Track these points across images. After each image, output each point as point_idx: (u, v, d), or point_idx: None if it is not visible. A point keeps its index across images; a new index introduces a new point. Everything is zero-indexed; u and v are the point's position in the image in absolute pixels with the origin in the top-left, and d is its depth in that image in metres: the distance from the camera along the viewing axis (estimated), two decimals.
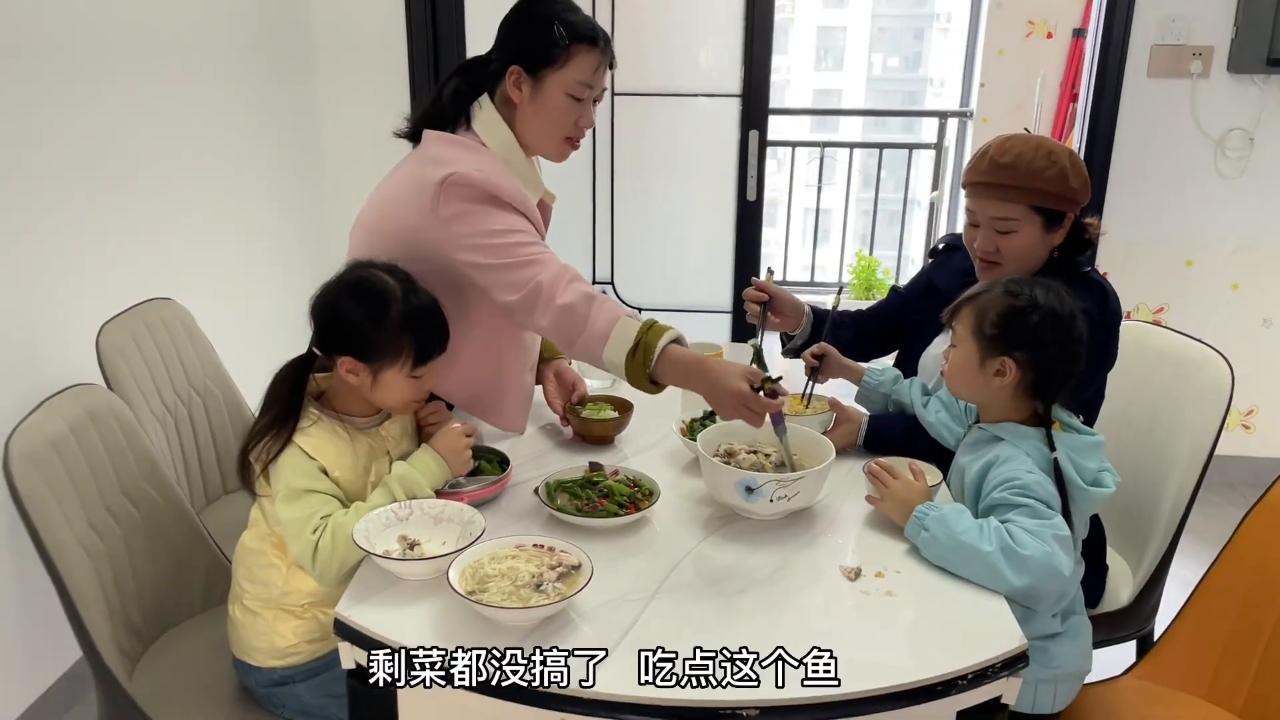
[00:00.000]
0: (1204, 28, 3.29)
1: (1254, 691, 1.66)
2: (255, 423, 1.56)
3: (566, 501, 1.59)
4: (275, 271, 3.19)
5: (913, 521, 1.48)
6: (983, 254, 1.84)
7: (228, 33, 2.90)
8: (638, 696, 1.18)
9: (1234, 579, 1.73)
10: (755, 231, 3.59)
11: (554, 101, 1.78)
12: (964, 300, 1.58)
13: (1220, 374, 1.94)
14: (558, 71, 1.76)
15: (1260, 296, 3.54)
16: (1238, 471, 3.40)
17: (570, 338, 1.68)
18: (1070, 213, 1.80)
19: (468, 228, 1.69)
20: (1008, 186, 1.77)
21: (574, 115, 1.81)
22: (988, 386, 1.54)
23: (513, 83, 1.78)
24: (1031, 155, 1.76)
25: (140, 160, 2.50)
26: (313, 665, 1.61)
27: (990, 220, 1.80)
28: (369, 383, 1.55)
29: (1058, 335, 1.50)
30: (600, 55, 1.79)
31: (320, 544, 1.45)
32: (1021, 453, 1.49)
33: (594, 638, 1.27)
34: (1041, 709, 1.58)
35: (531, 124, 1.81)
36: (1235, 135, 3.38)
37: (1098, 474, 1.51)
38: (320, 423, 1.55)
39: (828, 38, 20.12)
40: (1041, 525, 1.40)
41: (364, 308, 1.53)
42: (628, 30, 3.42)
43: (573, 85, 1.78)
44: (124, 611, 1.66)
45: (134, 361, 2.06)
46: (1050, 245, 1.82)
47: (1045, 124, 5.02)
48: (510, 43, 1.79)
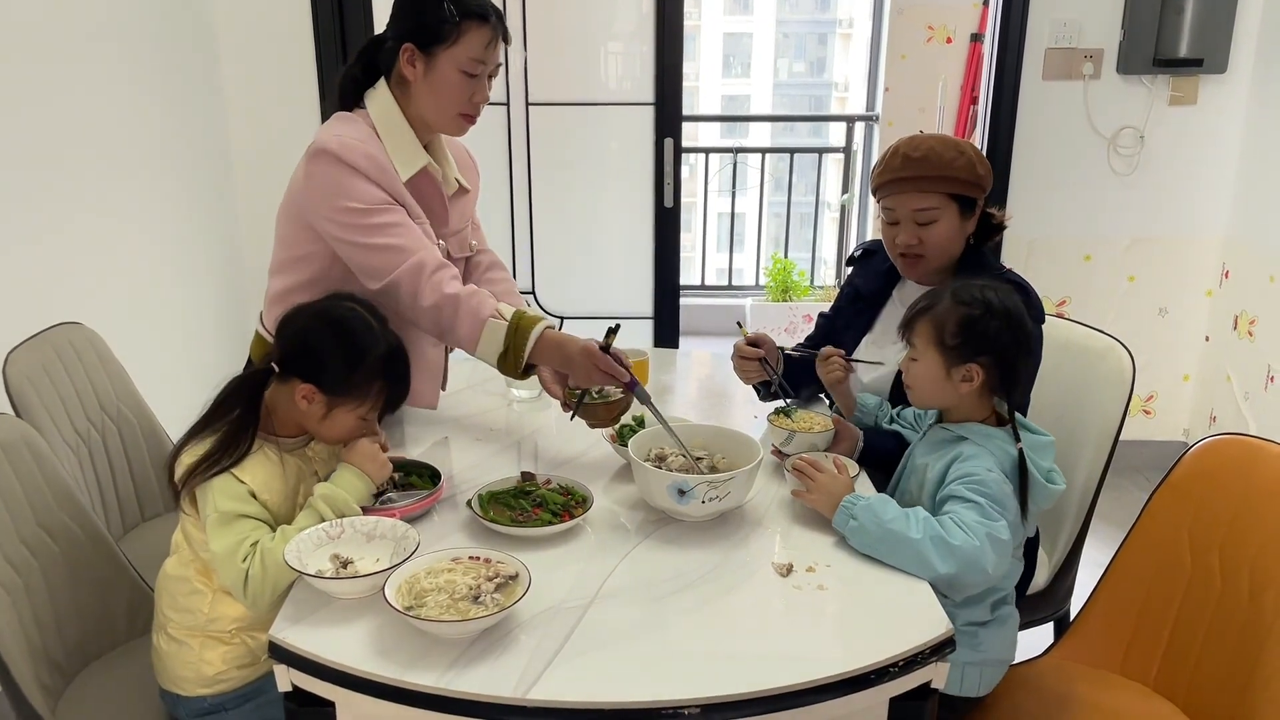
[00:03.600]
0: (1094, 31, 3.43)
1: (1164, 664, 1.74)
2: (192, 430, 1.52)
3: (500, 512, 1.59)
4: (186, 288, 3.10)
5: (841, 511, 1.52)
6: (905, 249, 1.91)
7: (126, 36, 2.80)
8: (580, 701, 1.19)
9: (1142, 558, 1.81)
10: (673, 238, 3.62)
11: (447, 78, 1.80)
12: (916, 314, 1.62)
13: (1122, 363, 2.04)
14: (450, 49, 1.79)
15: (1155, 287, 3.71)
16: (1141, 456, 3.55)
17: (439, 335, 1.81)
18: (980, 199, 1.90)
19: (324, 197, 1.75)
20: (924, 178, 1.85)
21: (468, 91, 1.83)
22: (956, 393, 1.59)
23: (406, 60, 1.81)
24: (941, 148, 1.86)
25: (39, 176, 2.40)
26: (243, 691, 1.59)
27: (911, 213, 1.87)
28: (320, 413, 1.53)
29: (1015, 335, 1.56)
30: (492, 31, 1.81)
31: (250, 571, 1.42)
32: (986, 451, 1.54)
33: (534, 646, 1.27)
34: (969, 692, 1.64)
35: (426, 100, 1.83)
36: (1126, 133, 3.53)
37: (1049, 472, 1.57)
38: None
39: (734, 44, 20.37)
40: (981, 523, 1.44)
41: (344, 346, 1.53)
42: (541, 40, 3.43)
43: (465, 62, 1.80)
44: (44, 647, 1.60)
45: (43, 389, 1.99)
46: (966, 233, 1.92)
47: (948, 126, 5.18)
48: (402, 21, 1.82)
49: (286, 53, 3.29)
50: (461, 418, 2.10)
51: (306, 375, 1.52)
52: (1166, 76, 3.46)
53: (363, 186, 1.75)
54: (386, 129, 1.82)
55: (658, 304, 3.68)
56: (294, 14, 3.27)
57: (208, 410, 1.54)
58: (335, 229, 1.76)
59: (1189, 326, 3.74)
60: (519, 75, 3.45)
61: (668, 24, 3.39)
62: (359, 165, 1.74)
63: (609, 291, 3.73)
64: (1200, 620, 1.69)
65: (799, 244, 6.16)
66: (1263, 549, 1.61)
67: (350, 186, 1.74)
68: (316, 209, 1.77)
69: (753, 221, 5.99)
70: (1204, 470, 1.75)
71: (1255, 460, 1.68)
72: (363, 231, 1.75)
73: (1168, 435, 3.84)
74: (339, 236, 1.77)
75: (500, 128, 3.50)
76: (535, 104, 3.49)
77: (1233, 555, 1.66)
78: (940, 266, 1.92)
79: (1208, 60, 3.40)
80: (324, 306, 1.59)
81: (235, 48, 3.30)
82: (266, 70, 3.31)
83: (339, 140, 1.74)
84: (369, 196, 1.75)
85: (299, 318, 1.57)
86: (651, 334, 3.70)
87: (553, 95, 3.50)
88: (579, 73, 3.53)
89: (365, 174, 1.75)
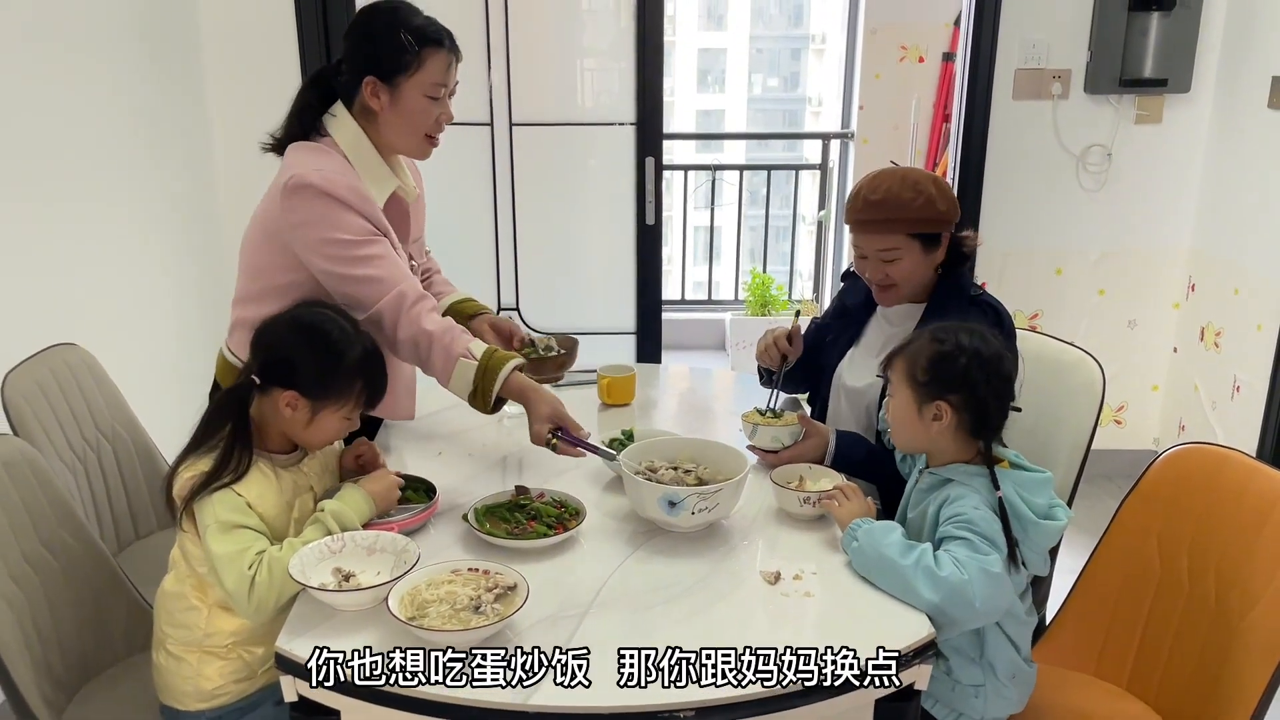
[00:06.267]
0: (1061, 52, 3.53)
1: (1137, 665, 1.81)
2: (186, 449, 1.56)
3: (496, 525, 1.63)
4: (173, 306, 3.11)
5: (847, 533, 1.56)
6: (875, 281, 1.98)
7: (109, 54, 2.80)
8: (580, 706, 1.25)
9: (1113, 563, 1.88)
10: (655, 254, 3.68)
11: (413, 105, 1.87)
12: (895, 351, 1.65)
13: (1092, 374, 2.10)
14: (412, 77, 1.85)
15: (1124, 300, 3.80)
16: (1112, 464, 3.62)
17: (416, 365, 1.89)
18: (945, 232, 1.95)
19: (308, 230, 1.79)
20: (882, 221, 1.91)
21: (433, 114, 1.90)
22: (928, 432, 1.60)
23: (370, 93, 1.86)
24: (899, 189, 1.90)
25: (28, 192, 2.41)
26: (241, 705, 1.62)
27: (875, 252, 1.94)
28: (305, 419, 1.57)
29: (986, 375, 1.56)
30: (449, 54, 1.88)
31: (257, 579, 1.46)
32: (971, 490, 1.55)
33: (534, 653, 1.31)
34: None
35: (394, 127, 1.89)
36: (1094, 151, 3.63)
37: (1049, 509, 1.57)
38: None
39: (709, 59, 20.49)
40: (972, 557, 1.45)
41: (321, 350, 1.57)
42: (522, 61, 3.49)
43: (429, 87, 1.87)
44: (47, 662, 1.63)
45: (40, 409, 2.02)
46: (934, 263, 1.97)
47: (921, 143, 5.28)
48: (359, 55, 1.87)
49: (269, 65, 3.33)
50: (453, 434, 2.14)
51: (287, 383, 1.56)
52: (1132, 96, 3.55)
53: (349, 218, 1.78)
54: (357, 157, 1.87)
55: (640, 320, 3.73)
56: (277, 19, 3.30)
57: (198, 429, 1.58)
58: (322, 261, 1.79)
59: (1157, 338, 3.83)
60: (503, 96, 3.50)
61: (648, 42, 3.45)
62: (344, 197, 1.78)
63: (592, 307, 3.79)
64: (1170, 622, 1.76)
65: (775, 258, 6.23)
66: (1227, 552, 1.68)
67: (337, 219, 1.78)
68: (303, 242, 1.80)
69: (727, 236, 6.06)
70: (1172, 478, 1.82)
71: (1220, 468, 1.75)
72: (350, 263, 1.79)
73: (1138, 444, 3.93)
74: (326, 269, 1.80)
75: (485, 148, 3.55)
76: (519, 124, 3.54)
77: (1200, 559, 1.73)
78: (912, 293, 1.99)
79: (1172, 80, 3.50)
80: (296, 314, 1.63)
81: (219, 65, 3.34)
82: (250, 83, 3.33)
83: (320, 174, 1.77)
84: (355, 228, 1.79)
85: (273, 328, 1.61)
86: (634, 349, 3.75)
87: (535, 116, 3.55)
88: (561, 93, 3.58)
89: (351, 206, 1.78)
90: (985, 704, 1.60)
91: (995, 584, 1.45)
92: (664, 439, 1.83)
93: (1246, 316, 3.36)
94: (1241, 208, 3.42)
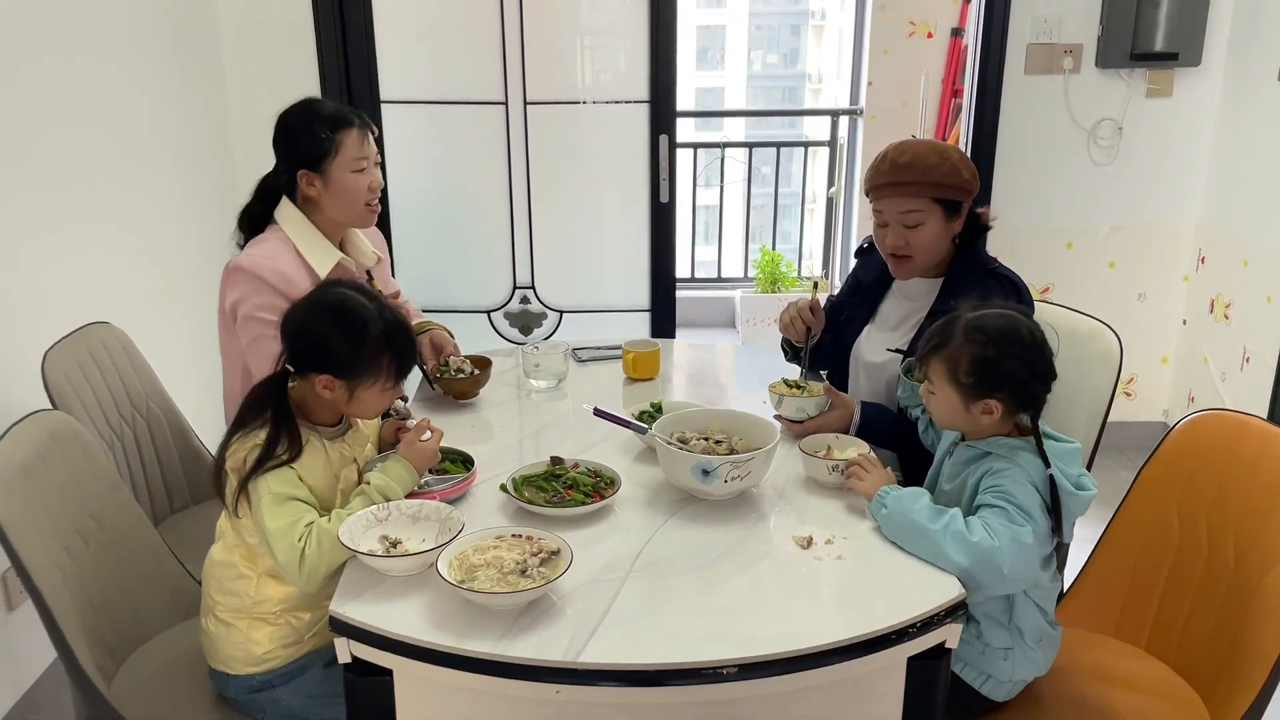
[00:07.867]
0: (1073, 27, 3.55)
1: (1155, 627, 1.85)
2: (230, 432, 1.60)
3: (534, 494, 1.68)
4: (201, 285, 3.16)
5: (875, 500, 1.60)
6: (894, 250, 2.00)
7: (137, 42, 2.86)
8: (625, 664, 1.29)
9: (1133, 528, 1.92)
10: (669, 232, 3.71)
11: (344, 183, 2.09)
12: (928, 352, 1.63)
13: (1109, 344, 2.12)
14: (335, 159, 2.08)
15: (1134, 273, 3.83)
16: (1123, 436, 3.67)
17: None
18: (965, 202, 1.98)
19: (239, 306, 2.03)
20: (909, 183, 1.94)
21: (364, 184, 2.12)
22: (977, 424, 1.62)
23: (305, 183, 2.09)
24: (926, 153, 1.95)
25: (60, 179, 2.46)
26: (289, 669, 1.67)
27: (898, 216, 1.97)
28: (345, 398, 1.61)
29: (1031, 370, 1.57)
30: (360, 129, 2.11)
31: (307, 550, 1.50)
32: (1014, 464, 1.56)
33: (579, 614, 1.37)
34: (993, 695, 1.68)
35: (334, 206, 2.12)
36: (1105, 125, 3.65)
37: (1078, 479, 1.59)
38: None
39: (708, 36, 20.39)
40: (1006, 526, 1.48)
41: (344, 330, 1.59)
42: (537, 40, 3.50)
43: (351, 163, 2.09)
44: (98, 630, 1.68)
45: (79, 386, 2.06)
46: (952, 234, 2.00)
47: (930, 119, 5.29)
48: (288, 153, 2.11)
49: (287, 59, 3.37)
50: (483, 409, 2.18)
51: (319, 367, 1.60)
52: (1143, 70, 3.58)
53: (272, 300, 1.98)
54: (300, 238, 2.09)
55: (654, 297, 3.77)
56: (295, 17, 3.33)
57: (236, 419, 1.62)
58: (244, 335, 2.04)
59: (1167, 310, 3.87)
60: (517, 74, 3.52)
61: (661, 20, 3.47)
62: (267, 279, 2.00)
63: (606, 285, 3.82)
64: (1189, 585, 1.80)
65: (783, 236, 6.26)
66: (1246, 517, 1.72)
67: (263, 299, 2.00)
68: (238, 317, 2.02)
69: (732, 214, 6.07)
70: (1191, 444, 1.86)
71: (1239, 434, 1.79)
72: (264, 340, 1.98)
73: (1148, 416, 3.97)
74: (245, 343, 2.04)
75: (500, 126, 3.57)
76: (533, 103, 3.56)
77: (1219, 524, 1.77)
78: (928, 266, 2.02)
79: (1183, 54, 3.52)
80: (316, 296, 1.67)
81: (238, 50, 3.37)
82: (268, 69, 3.37)
83: (250, 258, 2.03)
84: (274, 307, 1.94)
85: (297, 314, 1.64)
86: (649, 326, 3.78)
87: (548, 94, 3.57)
88: (575, 71, 3.60)
89: (274, 287, 1.99)
90: (1013, 666, 1.64)
91: (1025, 554, 1.48)
92: (694, 410, 1.87)
93: (1256, 288, 3.39)
94: (1251, 181, 3.45)
